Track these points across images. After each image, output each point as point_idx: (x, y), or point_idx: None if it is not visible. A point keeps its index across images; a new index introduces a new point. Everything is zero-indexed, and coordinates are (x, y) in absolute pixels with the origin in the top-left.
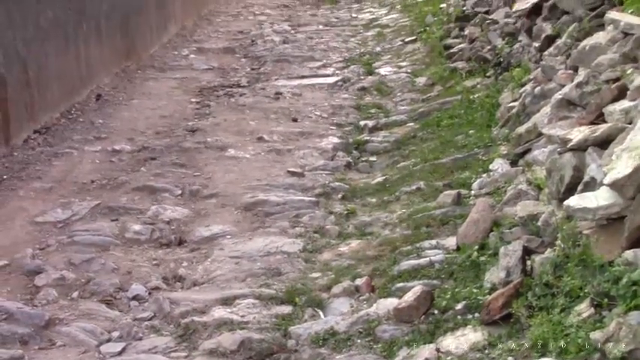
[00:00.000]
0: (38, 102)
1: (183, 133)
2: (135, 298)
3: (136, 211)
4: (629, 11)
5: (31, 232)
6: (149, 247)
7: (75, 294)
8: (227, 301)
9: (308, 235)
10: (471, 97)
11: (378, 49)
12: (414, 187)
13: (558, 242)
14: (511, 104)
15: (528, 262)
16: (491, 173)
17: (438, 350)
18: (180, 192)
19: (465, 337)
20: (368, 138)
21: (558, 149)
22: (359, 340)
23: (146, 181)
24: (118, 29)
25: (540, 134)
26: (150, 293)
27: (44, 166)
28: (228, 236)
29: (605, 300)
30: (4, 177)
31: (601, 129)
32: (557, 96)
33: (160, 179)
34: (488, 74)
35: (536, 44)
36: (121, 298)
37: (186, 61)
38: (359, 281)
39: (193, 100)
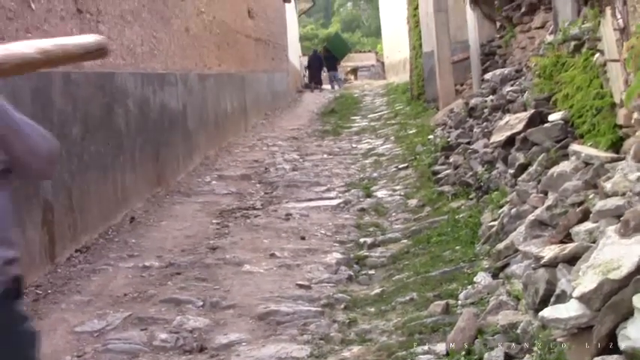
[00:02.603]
0: (80, 224)
1: (205, 250)
2: None
3: (163, 321)
4: (589, 144)
5: (70, 340)
6: (174, 353)
7: None
8: None
9: (314, 342)
10: (457, 217)
11: (375, 174)
12: (407, 298)
13: (535, 349)
14: (491, 223)
15: None
16: (476, 285)
17: None
18: (201, 304)
19: None
20: (367, 253)
21: (533, 265)
22: None
23: (172, 294)
24: (150, 160)
25: (517, 250)
26: None
27: (83, 281)
28: (244, 343)
29: None
30: (49, 291)
31: (569, 247)
32: (531, 217)
33: (184, 292)
34: (470, 197)
35: (511, 171)
36: None
37: (209, 187)
38: None
39: (214, 221)
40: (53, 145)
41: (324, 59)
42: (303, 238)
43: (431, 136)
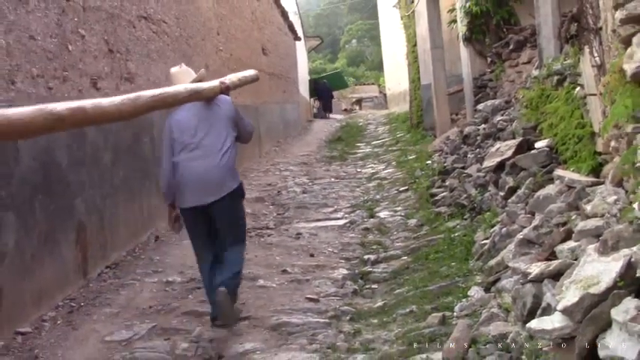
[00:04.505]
0: (110, 243)
1: None
2: None
3: (184, 331)
4: (572, 169)
5: (101, 349)
6: None
7: None
8: None
9: (322, 351)
10: (452, 235)
11: (378, 196)
12: (407, 310)
13: (524, 358)
14: (483, 241)
15: None
16: (470, 298)
17: None
18: None
19: None
20: (371, 269)
21: (521, 280)
22: None
23: (193, 306)
24: None
25: (507, 267)
26: None
27: (113, 295)
28: (258, 352)
29: None
30: (82, 304)
31: (554, 264)
32: (519, 236)
33: (204, 305)
34: (465, 217)
35: (502, 193)
36: None
37: None
38: None
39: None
40: (252, 130)
41: (322, 91)
42: (312, 255)
43: (429, 162)
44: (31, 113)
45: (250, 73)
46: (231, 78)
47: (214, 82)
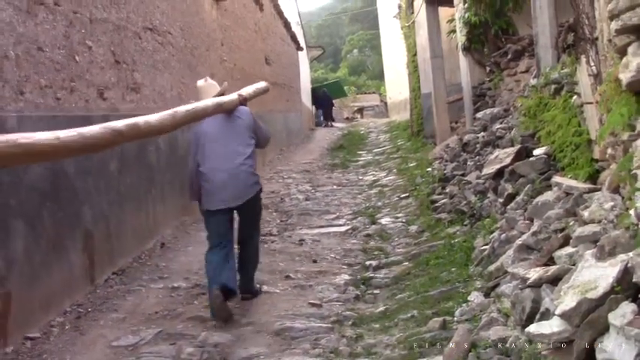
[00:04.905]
0: (116, 250)
1: None
2: None
3: (190, 336)
4: (569, 176)
5: (108, 354)
6: None
7: None
8: None
9: (325, 355)
10: (452, 241)
11: (379, 203)
12: (409, 315)
13: None
14: (483, 247)
15: None
16: (470, 303)
17: None
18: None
19: None
20: (372, 275)
21: (520, 285)
22: None
23: (197, 312)
24: (178, 192)
25: (506, 272)
26: None
27: (119, 301)
28: (262, 356)
29: None
30: (89, 310)
31: (552, 270)
32: (518, 242)
33: (208, 311)
34: (465, 223)
35: (501, 200)
36: None
37: None
38: None
39: (235, 246)
40: (269, 135)
41: (321, 99)
42: (314, 262)
43: (429, 169)
44: (100, 130)
45: (262, 85)
46: (247, 90)
47: (234, 95)
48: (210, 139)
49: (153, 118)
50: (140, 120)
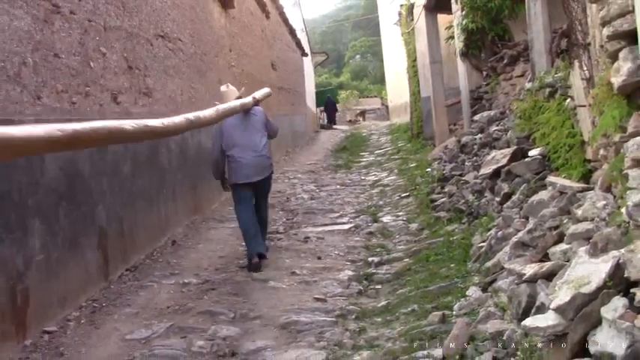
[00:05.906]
0: (129, 247)
1: (236, 269)
2: None
3: (200, 330)
4: (563, 176)
5: (122, 347)
6: (209, 358)
7: None
8: None
9: (330, 348)
10: (451, 238)
11: (381, 202)
12: (409, 309)
13: (519, 354)
14: (481, 244)
15: None
16: (468, 298)
17: None
18: (232, 315)
19: None
20: (374, 271)
21: (516, 280)
22: None
23: (207, 306)
24: (188, 192)
25: (503, 268)
26: None
27: (133, 296)
28: (269, 349)
29: None
30: (104, 304)
31: (547, 265)
32: (514, 239)
33: (218, 305)
34: (463, 221)
35: (498, 199)
36: None
37: None
38: None
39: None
40: (277, 128)
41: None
42: (319, 258)
43: (429, 169)
44: (180, 119)
45: (267, 90)
46: (258, 94)
47: (249, 98)
48: (236, 131)
49: (204, 113)
50: (199, 114)
